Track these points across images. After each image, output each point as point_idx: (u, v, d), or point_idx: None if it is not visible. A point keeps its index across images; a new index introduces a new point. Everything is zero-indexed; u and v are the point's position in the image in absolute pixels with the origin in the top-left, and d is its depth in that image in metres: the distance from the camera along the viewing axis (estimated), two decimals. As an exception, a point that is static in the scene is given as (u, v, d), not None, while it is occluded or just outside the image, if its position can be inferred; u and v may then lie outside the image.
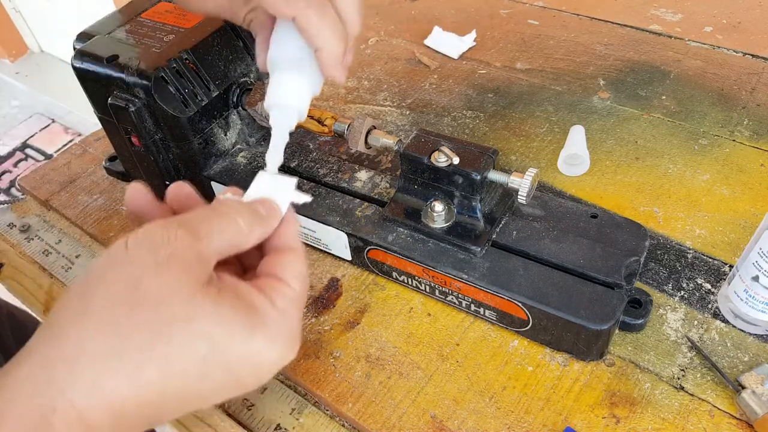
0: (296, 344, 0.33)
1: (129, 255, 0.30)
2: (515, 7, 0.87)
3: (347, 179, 0.56)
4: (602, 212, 0.50)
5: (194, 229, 0.31)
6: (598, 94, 0.70)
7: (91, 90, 0.54)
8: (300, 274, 0.34)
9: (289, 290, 0.33)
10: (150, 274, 0.29)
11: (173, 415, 0.31)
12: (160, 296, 0.29)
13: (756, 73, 0.70)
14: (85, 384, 0.28)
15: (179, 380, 0.29)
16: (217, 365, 0.30)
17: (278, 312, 0.32)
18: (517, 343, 0.48)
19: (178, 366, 0.29)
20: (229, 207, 0.34)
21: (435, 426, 0.44)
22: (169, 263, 0.29)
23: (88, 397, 0.28)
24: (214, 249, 0.31)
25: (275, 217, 0.35)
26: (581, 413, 0.44)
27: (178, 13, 0.55)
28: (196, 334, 0.29)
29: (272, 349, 0.31)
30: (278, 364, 0.32)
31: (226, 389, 0.32)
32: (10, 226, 0.65)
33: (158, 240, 0.30)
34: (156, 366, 0.29)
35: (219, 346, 0.30)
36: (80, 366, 0.28)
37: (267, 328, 0.31)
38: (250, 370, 0.31)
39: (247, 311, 0.31)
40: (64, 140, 2.26)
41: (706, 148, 0.62)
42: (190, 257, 0.30)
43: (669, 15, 0.81)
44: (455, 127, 0.68)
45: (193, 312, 0.29)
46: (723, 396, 0.44)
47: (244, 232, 0.33)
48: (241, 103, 0.55)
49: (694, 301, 0.50)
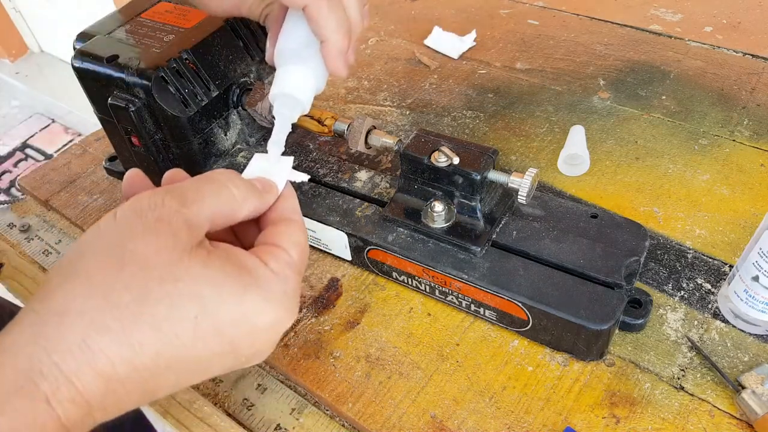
0: (292, 308, 0.32)
1: (117, 222, 0.30)
2: (515, 7, 0.87)
3: (347, 179, 0.56)
4: (602, 212, 0.50)
5: (182, 195, 0.31)
6: (598, 94, 0.70)
7: (91, 90, 0.54)
8: (298, 242, 0.33)
9: (285, 254, 0.32)
10: (137, 237, 0.29)
11: (172, 386, 0.30)
12: (146, 258, 0.28)
13: (756, 73, 0.70)
14: (72, 345, 0.27)
15: (172, 342, 0.28)
16: (210, 327, 0.29)
17: (272, 273, 0.31)
18: (517, 343, 0.48)
19: (169, 328, 0.28)
20: (222, 175, 0.33)
21: (435, 426, 0.44)
22: (155, 227, 0.29)
23: (76, 360, 0.27)
24: (205, 215, 0.31)
25: (271, 192, 0.35)
26: (581, 413, 0.44)
27: (178, 13, 0.55)
28: (185, 295, 0.28)
29: (265, 311, 0.30)
30: (274, 329, 0.31)
31: (223, 355, 0.30)
32: (10, 226, 0.65)
33: (145, 206, 0.30)
34: (146, 327, 0.28)
35: (209, 307, 0.29)
36: (66, 326, 0.27)
37: (259, 289, 0.30)
38: (244, 333, 0.30)
39: (238, 272, 0.30)
40: (64, 140, 2.26)
41: (706, 148, 0.62)
42: (177, 222, 0.30)
43: (669, 15, 0.81)
44: (455, 127, 0.68)
45: (180, 273, 0.29)
46: (723, 396, 0.44)
47: (237, 200, 0.32)
48: (241, 103, 0.55)
49: (694, 301, 0.50)
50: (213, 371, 0.31)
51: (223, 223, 0.32)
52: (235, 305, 0.29)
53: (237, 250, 0.31)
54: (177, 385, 0.30)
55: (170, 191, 0.31)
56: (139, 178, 0.35)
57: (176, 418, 0.47)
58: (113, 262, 0.28)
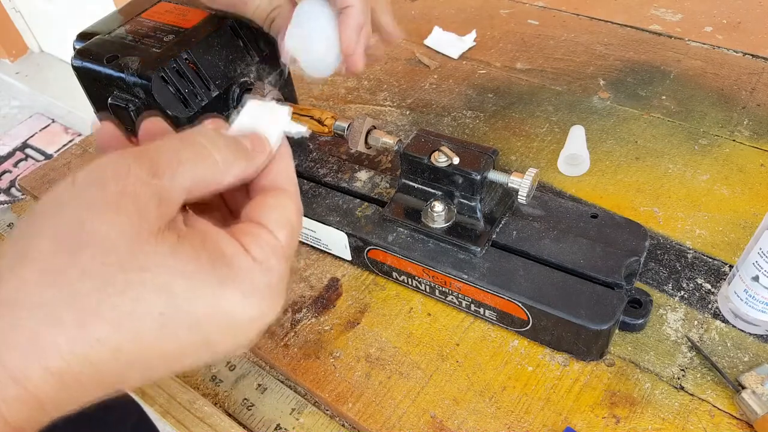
0: (277, 300, 0.28)
1: (75, 192, 0.26)
2: (515, 7, 0.87)
3: (347, 179, 0.56)
4: (602, 212, 0.50)
5: (154, 162, 0.26)
6: (598, 94, 0.70)
7: (91, 90, 0.54)
8: (287, 220, 0.29)
9: (271, 238, 0.28)
10: (96, 214, 0.25)
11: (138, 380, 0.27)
12: (107, 241, 0.25)
13: (756, 73, 0.70)
14: (19, 341, 0.24)
15: (133, 340, 0.25)
16: (180, 323, 0.26)
17: (254, 262, 0.27)
18: (517, 343, 0.48)
19: (130, 324, 0.25)
20: (202, 136, 0.29)
21: (435, 426, 0.44)
22: (118, 203, 0.25)
23: (24, 357, 0.24)
24: (179, 186, 0.27)
25: (262, 151, 0.30)
26: (581, 413, 0.44)
27: (178, 13, 0.55)
28: (150, 287, 0.25)
29: (245, 307, 0.27)
30: (255, 324, 0.28)
31: (197, 350, 0.27)
32: (10, 226, 0.65)
33: (109, 175, 0.26)
34: (104, 322, 0.24)
35: (178, 302, 0.25)
36: (15, 319, 0.24)
37: (238, 283, 0.26)
38: (221, 329, 0.27)
39: (213, 262, 0.26)
40: (64, 140, 2.26)
41: (706, 148, 0.62)
42: (145, 196, 0.26)
43: (669, 15, 0.81)
44: (455, 127, 0.68)
45: (145, 260, 0.25)
46: (723, 396, 0.44)
47: (219, 167, 0.28)
48: (241, 103, 0.55)
49: (694, 301, 0.50)
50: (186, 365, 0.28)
51: (203, 192, 0.28)
52: (209, 301, 0.26)
53: (215, 231, 0.27)
54: (143, 380, 0.27)
55: (140, 156, 0.26)
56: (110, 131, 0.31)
57: (176, 418, 0.47)
58: (69, 244, 0.25)
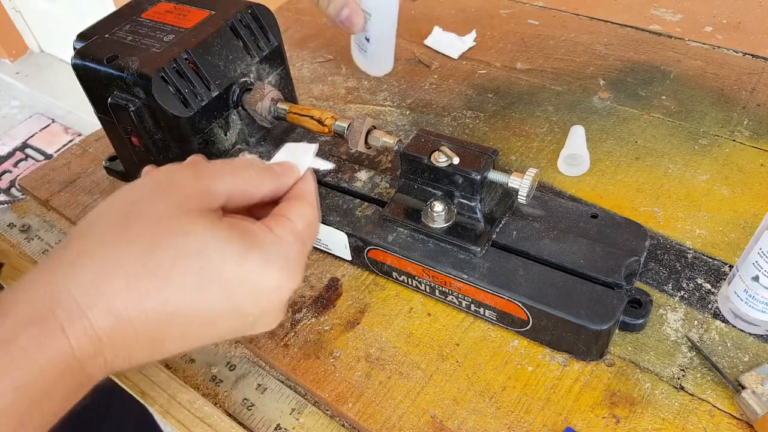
0: (295, 274, 0.33)
1: (134, 186, 0.33)
2: (515, 7, 0.87)
3: (347, 179, 0.56)
4: (602, 212, 0.50)
5: (198, 170, 0.33)
6: (598, 94, 0.70)
7: (91, 90, 0.54)
8: (306, 215, 0.35)
9: (290, 223, 0.34)
10: (151, 197, 0.32)
11: (179, 339, 0.32)
12: (157, 214, 0.31)
13: (756, 73, 0.70)
14: (87, 283, 0.29)
15: (177, 292, 0.30)
16: (213, 283, 0.31)
17: (276, 237, 0.33)
18: (517, 343, 0.48)
19: (175, 278, 0.30)
20: (241, 161, 0.35)
21: (435, 426, 0.44)
22: (168, 190, 0.32)
23: (90, 295, 0.29)
24: (221, 190, 0.33)
25: (290, 175, 0.37)
26: (581, 413, 0.44)
27: (178, 13, 0.55)
28: (190, 248, 0.30)
29: (268, 272, 0.32)
30: (276, 292, 0.33)
31: (228, 314, 0.32)
32: (10, 226, 0.65)
33: (163, 174, 0.33)
34: (153, 275, 0.30)
35: (212, 262, 0.30)
36: (83, 266, 0.29)
37: (263, 251, 0.32)
38: (247, 292, 0.32)
39: (242, 234, 0.32)
40: (64, 140, 2.27)
41: (706, 148, 0.62)
42: (190, 189, 0.32)
43: (669, 15, 0.81)
44: (455, 127, 0.68)
45: (186, 228, 0.31)
46: (723, 396, 0.44)
47: (253, 181, 0.35)
48: (241, 103, 0.55)
49: (694, 301, 0.50)
50: (221, 329, 0.33)
51: (241, 201, 0.34)
52: (237, 265, 0.31)
53: (246, 219, 0.33)
54: (185, 338, 0.32)
55: (188, 165, 0.34)
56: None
57: (176, 418, 0.47)
58: (128, 215, 0.31)
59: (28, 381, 0.27)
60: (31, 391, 0.27)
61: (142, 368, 0.50)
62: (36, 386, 0.28)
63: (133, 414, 0.80)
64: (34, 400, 0.28)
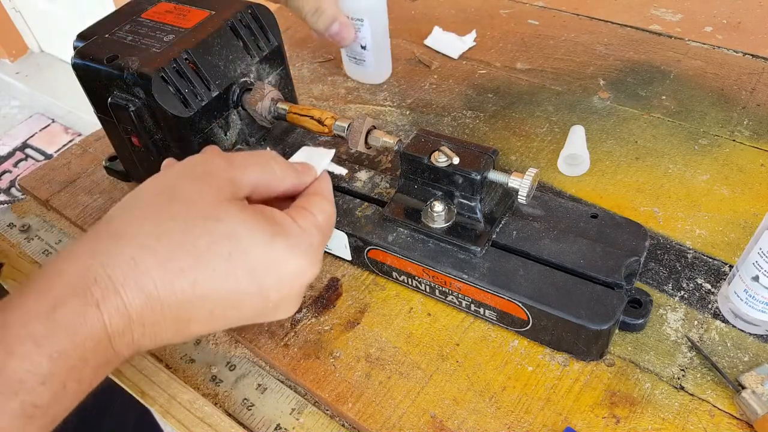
0: (315, 262, 0.35)
1: (171, 171, 0.35)
2: (515, 7, 0.87)
3: (347, 179, 0.56)
4: (602, 212, 0.50)
5: (230, 160, 0.35)
6: (598, 94, 0.70)
7: (91, 90, 0.54)
8: (325, 210, 0.37)
9: (312, 216, 0.36)
10: (186, 182, 0.34)
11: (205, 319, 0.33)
12: (192, 198, 0.33)
13: (756, 73, 0.70)
14: (122, 261, 0.31)
15: (208, 273, 0.32)
16: (241, 265, 0.32)
17: (299, 227, 0.35)
18: (517, 343, 0.48)
19: (207, 259, 0.32)
20: (267, 154, 0.38)
21: (435, 426, 0.44)
22: (203, 177, 0.34)
23: (124, 274, 0.30)
24: (248, 180, 0.35)
25: (309, 174, 0.39)
26: (581, 413, 0.44)
27: (178, 13, 0.55)
28: (223, 233, 0.32)
29: (291, 259, 0.34)
30: (298, 277, 0.34)
31: (252, 296, 0.33)
32: (10, 226, 0.65)
33: (198, 161, 0.35)
34: (187, 255, 0.31)
35: (242, 247, 0.32)
36: (120, 245, 0.31)
37: (288, 237, 0.34)
38: (272, 276, 0.33)
39: (269, 221, 0.34)
40: (64, 140, 2.27)
41: (706, 148, 0.62)
42: (223, 177, 0.34)
43: (669, 15, 0.81)
44: (455, 127, 0.68)
45: (221, 214, 0.32)
46: (723, 396, 0.44)
47: (277, 175, 0.37)
48: (241, 103, 0.55)
49: (694, 301, 0.50)
50: (244, 311, 0.34)
51: (264, 193, 0.36)
52: (264, 249, 0.33)
53: (270, 208, 0.35)
54: (210, 319, 0.33)
55: (220, 154, 0.36)
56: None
57: (176, 418, 0.47)
58: (164, 199, 0.33)
59: (69, 348, 0.29)
60: (71, 358, 0.29)
61: (141, 368, 0.50)
62: (75, 353, 0.30)
63: (134, 413, 0.80)
64: (75, 366, 0.30)
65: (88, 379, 0.31)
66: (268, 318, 0.36)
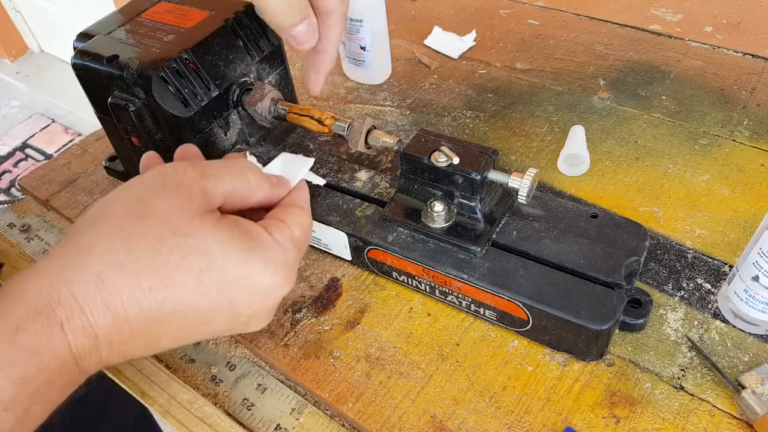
0: (290, 278, 0.34)
1: (142, 181, 0.33)
2: (515, 7, 0.87)
3: (347, 179, 0.56)
4: (602, 212, 0.50)
5: (203, 170, 0.34)
6: (598, 94, 0.70)
7: (91, 90, 0.54)
8: (301, 223, 0.36)
9: (288, 230, 0.35)
10: (157, 195, 0.32)
11: (174, 335, 0.32)
12: (163, 213, 0.31)
13: (756, 73, 0.70)
14: (89, 279, 0.30)
15: (177, 290, 0.31)
16: (213, 281, 0.31)
17: (275, 241, 0.34)
18: (517, 343, 0.48)
19: (177, 276, 0.31)
20: (242, 163, 0.36)
21: (435, 426, 0.44)
22: (175, 189, 0.32)
23: (90, 293, 0.29)
24: (220, 190, 0.34)
25: (284, 187, 0.38)
26: (581, 413, 0.44)
27: (178, 13, 0.55)
28: (194, 249, 0.31)
29: (266, 275, 0.33)
30: (271, 293, 0.34)
31: (223, 311, 0.33)
32: (10, 226, 0.65)
33: (169, 172, 0.33)
34: (156, 272, 0.30)
35: (215, 263, 0.31)
36: (87, 261, 0.30)
37: (261, 253, 0.33)
38: (244, 293, 0.33)
39: (243, 236, 0.33)
40: (64, 140, 2.27)
41: (706, 148, 0.62)
42: (195, 188, 0.33)
43: (669, 15, 0.81)
44: (455, 127, 0.68)
45: (192, 229, 0.31)
46: (723, 396, 0.44)
47: (251, 186, 0.36)
48: (241, 103, 0.55)
49: (694, 301, 0.50)
50: (215, 326, 0.33)
51: (236, 203, 0.35)
52: (238, 265, 0.32)
53: (244, 220, 0.34)
54: (179, 335, 0.32)
55: (193, 164, 0.34)
56: (156, 159, 0.38)
57: (176, 418, 0.47)
58: (135, 212, 0.31)
59: (33, 372, 0.28)
60: (34, 382, 0.28)
61: (141, 368, 0.50)
62: (39, 377, 0.28)
63: (132, 413, 0.80)
64: (39, 390, 0.29)
65: (53, 399, 0.30)
66: (239, 331, 0.35)
